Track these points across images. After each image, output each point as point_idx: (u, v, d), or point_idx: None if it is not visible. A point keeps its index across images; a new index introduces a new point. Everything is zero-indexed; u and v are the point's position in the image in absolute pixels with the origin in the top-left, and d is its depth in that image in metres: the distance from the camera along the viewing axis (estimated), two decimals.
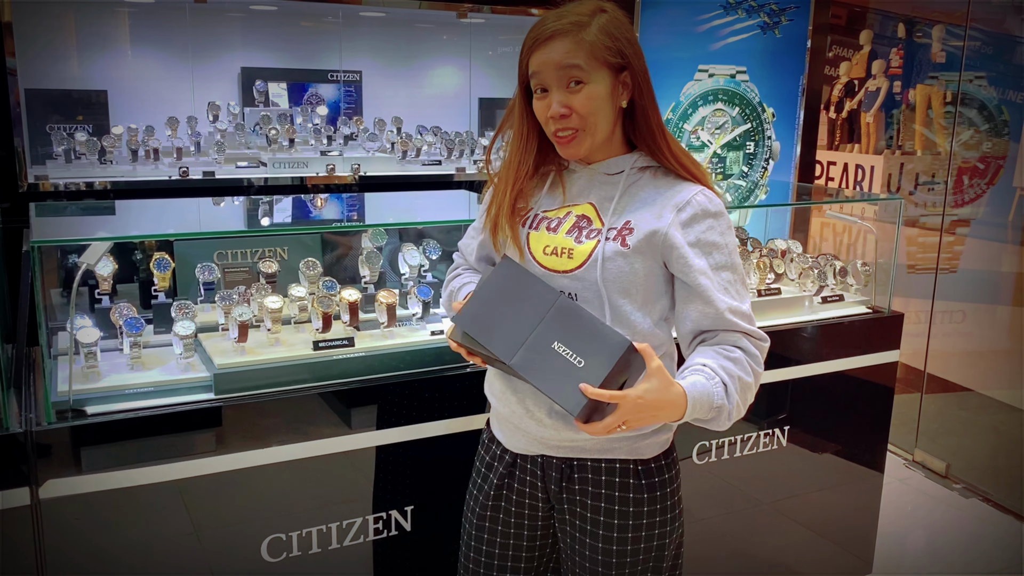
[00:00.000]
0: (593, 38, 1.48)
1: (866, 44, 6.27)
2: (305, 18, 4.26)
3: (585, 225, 1.58)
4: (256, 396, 1.94)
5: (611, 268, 1.53)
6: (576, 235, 1.58)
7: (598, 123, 1.53)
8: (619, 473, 1.60)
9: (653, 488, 1.61)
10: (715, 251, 1.53)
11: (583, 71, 1.49)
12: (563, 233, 1.59)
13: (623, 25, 1.53)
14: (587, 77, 1.49)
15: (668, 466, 1.65)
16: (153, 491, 1.84)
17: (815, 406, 2.72)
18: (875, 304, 2.88)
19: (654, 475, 1.62)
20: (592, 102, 1.50)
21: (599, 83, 1.50)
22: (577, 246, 1.56)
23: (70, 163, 3.49)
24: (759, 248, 2.93)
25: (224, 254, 2.35)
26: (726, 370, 1.49)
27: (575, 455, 1.62)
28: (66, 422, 1.77)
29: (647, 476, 1.61)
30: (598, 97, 1.50)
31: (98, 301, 2.18)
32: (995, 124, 4.95)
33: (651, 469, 1.61)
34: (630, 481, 1.60)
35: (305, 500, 2.00)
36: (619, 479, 1.60)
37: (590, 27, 1.49)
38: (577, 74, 1.49)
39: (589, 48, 1.48)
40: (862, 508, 2.93)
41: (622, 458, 1.60)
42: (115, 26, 3.91)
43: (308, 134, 3.98)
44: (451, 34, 4.56)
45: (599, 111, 1.52)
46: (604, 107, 1.52)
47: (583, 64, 1.48)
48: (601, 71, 1.50)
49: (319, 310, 2.09)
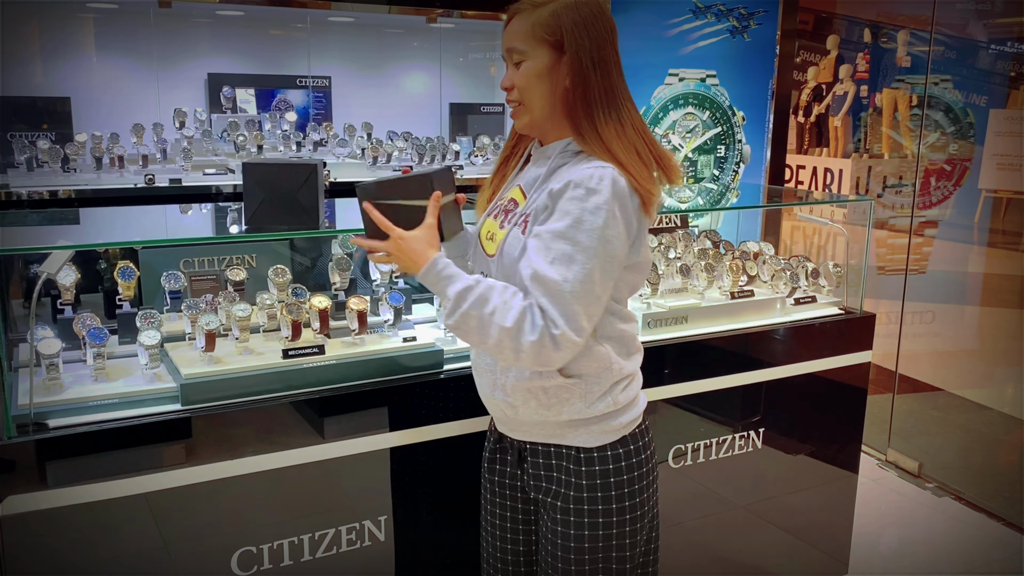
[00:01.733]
0: (537, 17, 1.54)
1: (833, 49, 6.34)
2: (273, 24, 4.23)
3: (511, 208, 1.63)
4: (225, 406, 1.90)
5: (508, 254, 1.57)
6: (502, 220, 1.63)
7: (534, 100, 1.57)
8: (564, 458, 1.63)
9: (593, 476, 1.62)
10: (562, 219, 1.47)
11: (522, 51, 1.56)
12: (499, 218, 1.64)
13: (580, 8, 1.54)
14: (525, 55, 1.56)
15: (617, 458, 1.63)
16: (120, 505, 1.79)
17: (789, 408, 2.73)
18: (847, 305, 2.89)
19: (595, 464, 1.62)
20: (526, 79, 1.56)
21: (536, 60, 1.55)
22: (499, 231, 1.62)
23: (32, 171, 3.42)
24: (731, 251, 2.93)
25: (191, 262, 2.31)
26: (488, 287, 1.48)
27: (527, 438, 1.67)
28: (27, 436, 1.72)
29: (588, 464, 1.62)
30: (532, 74, 1.56)
31: (60, 312, 2.13)
32: (961, 126, 5.02)
33: (593, 458, 1.62)
34: (571, 467, 1.63)
35: (276, 511, 1.96)
36: (565, 463, 1.63)
37: (544, 7, 1.54)
38: (518, 54, 1.57)
39: (531, 27, 1.54)
40: (837, 509, 2.94)
41: (566, 444, 1.63)
42: (79, 32, 3.85)
43: (277, 140, 3.93)
44: (421, 39, 4.54)
45: (533, 88, 1.56)
46: (539, 84, 1.56)
47: (521, 43, 1.55)
48: (540, 49, 1.55)
49: (288, 318, 2.05)
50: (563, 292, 1.44)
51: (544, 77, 1.55)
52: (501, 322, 1.45)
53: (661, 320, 2.50)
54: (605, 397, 1.60)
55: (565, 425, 1.62)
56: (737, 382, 2.59)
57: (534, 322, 1.45)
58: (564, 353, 1.47)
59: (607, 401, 1.60)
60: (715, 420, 2.58)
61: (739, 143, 4.62)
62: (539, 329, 1.44)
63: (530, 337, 1.44)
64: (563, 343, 1.45)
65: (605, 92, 1.54)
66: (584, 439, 1.62)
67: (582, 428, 1.62)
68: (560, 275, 1.45)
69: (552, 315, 1.44)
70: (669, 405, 2.48)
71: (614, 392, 1.61)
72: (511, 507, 1.78)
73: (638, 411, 1.67)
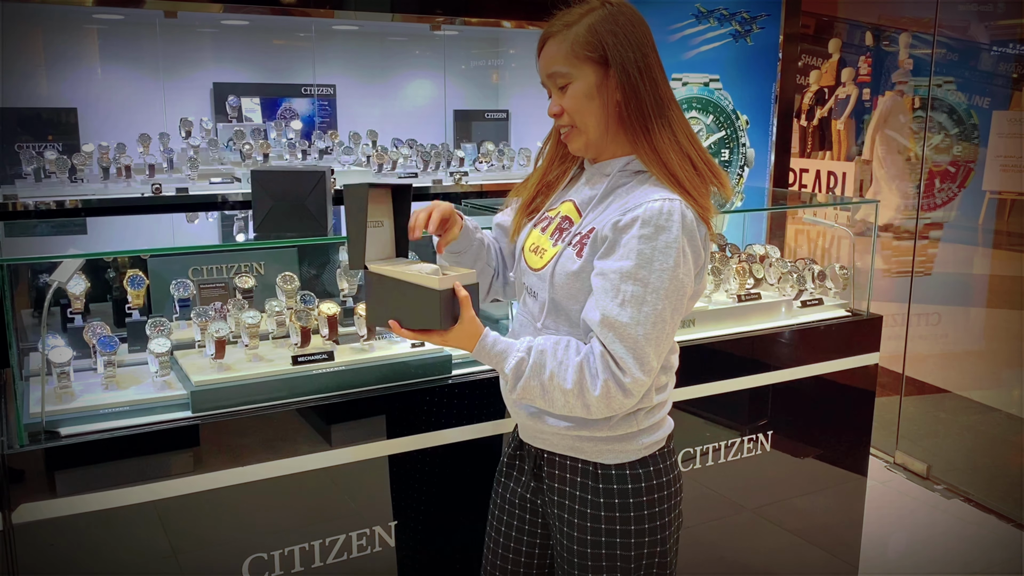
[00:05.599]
0: (574, 36, 1.49)
1: (835, 52, 6.35)
2: (278, 33, 4.25)
3: (566, 226, 1.59)
4: (234, 413, 1.90)
5: (560, 274, 1.54)
6: (556, 236, 1.59)
7: (587, 120, 1.52)
8: (580, 473, 1.60)
9: (611, 495, 1.58)
10: (630, 256, 1.43)
11: (565, 73, 1.51)
12: (549, 232, 1.61)
13: (616, 18, 1.48)
14: (570, 77, 1.51)
15: (636, 478, 1.58)
16: (130, 513, 1.79)
17: (798, 410, 2.72)
18: (854, 307, 2.89)
19: (613, 482, 1.58)
20: (576, 101, 1.51)
21: (582, 80, 1.50)
22: (550, 247, 1.58)
23: (40, 182, 3.44)
24: (737, 254, 2.93)
25: (199, 270, 2.32)
26: (540, 352, 1.46)
27: (547, 447, 1.64)
28: (39, 444, 1.73)
29: (605, 482, 1.58)
30: (581, 95, 1.51)
31: (70, 320, 2.14)
32: (964, 128, 5.02)
33: (611, 476, 1.58)
34: (588, 483, 1.59)
35: (286, 518, 1.97)
36: (580, 479, 1.60)
37: (578, 25, 1.49)
38: (562, 77, 1.51)
39: (570, 48, 1.49)
40: (847, 511, 2.93)
41: (583, 459, 1.60)
42: (84, 43, 3.87)
43: (283, 149, 3.95)
44: (425, 47, 4.56)
45: (584, 109, 1.51)
46: (589, 104, 1.51)
47: (563, 65, 1.50)
48: (584, 68, 1.49)
49: (297, 325, 2.06)
50: (635, 336, 1.42)
51: (594, 96, 1.50)
52: (562, 384, 1.45)
53: None
54: (629, 418, 1.57)
55: (585, 440, 1.58)
56: (745, 385, 2.59)
57: (595, 376, 1.44)
58: (635, 396, 1.46)
59: (631, 421, 1.57)
60: (723, 423, 2.58)
61: (743, 147, 4.62)
62: (601, 382, 1.43)
63: (594, 392, 1.44)
64: (633, 388, 1.44)
65: (656, 101, 1.49)
66: (603, 455, 1.58)
67: (602, 444, 1.58)
68: (632, 318, 1.42)
69: (624, 361, 1.42)
70: (677, 409, 2.48)
71: (640, 414, 1.58)
72: (519, 517, 1.75)
73: (662, 434, 1.62)
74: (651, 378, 1.46)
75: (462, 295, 1.47)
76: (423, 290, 1.46)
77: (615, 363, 1.43)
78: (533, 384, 1.47)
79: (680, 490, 1.66)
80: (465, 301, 1.47)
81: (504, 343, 1.50)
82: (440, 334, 1.49)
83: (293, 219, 1.96)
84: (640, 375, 1.43)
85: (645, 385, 1.45)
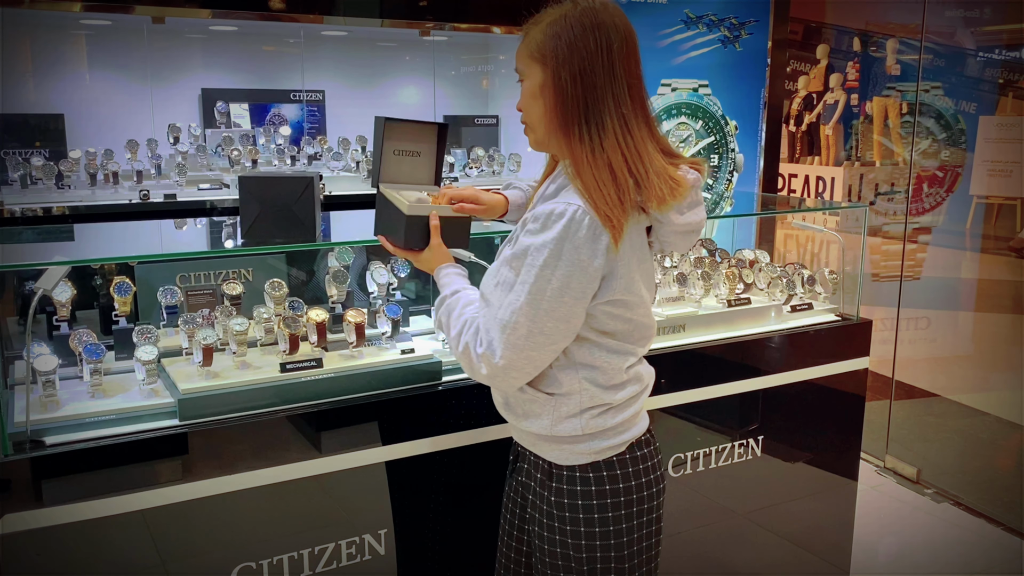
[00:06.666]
0: (531, 36, 1.55)
1: (823, 58, 6.37)
2: (266, 38, 4.23)
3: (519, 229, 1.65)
4: (223, 421, 1.89)
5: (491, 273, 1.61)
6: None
7: (532, 119, 1.58)
8: (541, 470, 1.66)
9: (562, 495, 1.60)
10: (516, 247, 1.51)
11: (521, 70, 1.58)
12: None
13: (569, 21, 1.49)
14: (523, 75, 1.58)
15: (586, 481, 1.59)
16: (117, 523, 1.78)
17: (788, 415, 2.72)
18: (843, 312, 2.89)
19: (565, 483, 1.61)
20: (524, 99, 1.58)
21: (530, 79, 1.56)
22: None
23: (26, 188, 3.41)
24: (727, 259, 2.94)
25: (187, 276, 2.30)
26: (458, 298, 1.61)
27: (520, 442, 1.72)
28: (24, 453, 1.71)
29: (558, 481, 1.62)
30: (528, 94, 1.57)
31: (56, 328, 2.12)
32: (952, 133, 5.04)
33: (563, 476, 1.61)
34: (545, 480, 1.64)
35: (275, 526, 1.95)
36: (540, 476, 1.66)
37: (539, 25, 1.54)
38: (519, 73, 1.59)
39: (525, 46, 1.56)
40: (837, 516, 2.93)
41: (543, 457, 1.65)
42: (72, 49, 3.85)
43: (272, 155, 3.93)
44: (414, 52, 4.55)
45: (530, 108, 1.57)
46: (534, 104, 1.56)
47: (520, 62, 1.58)
48: (533, 68, 1.54)
49: (286, 331, 2.05)
50: (494, 317, 1.51)
51: (537, 96, 1.54)
52: (450, 330, 1.59)
53: (659, 329, 2.50)
54: (573, 420, 1.58)
55: (536, 436, 1.63)
56: (735, 390, 2.59)
57: (465, 336, 1.54)
58: (485, 371, 1.52)
59: (575, 424, 1.58)
60: (714, 428, 2.58)
61: (732, 152, 4.63)
62: (463, 344, 1.54)
63: (458, 348, 1.55)
64: (484, 364, 1.51)
65: (585, 108, 1.49)
66: (555, 455, 1.61)
67: (552, 444, 1.61)
68: (498, 300, 1.52)
69: (482, 335, 1.52)
70: (667, 414, 2.48)
71: (584, 417, 1.58)
72: (511, 514, 1.80)
73: (619, 441, 1.61)
74: (502, 364, 1.49)
75: (433, 224, 1.70)
76: (398, 212, 1.71)
77: (478, 334, 1.53)
78: (443, 319, 1.61)
79: (648, 500, 1.63)
80: (435, 230, 1.70)
81: (453, 279, 1.66)
82: (413, 255, 1.73)
83: (281, 225, 1.95)
84: (488, 354, 1.50)
85: (494, 367, 1.50)
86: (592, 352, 1.57)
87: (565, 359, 1.57)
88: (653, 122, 1.57)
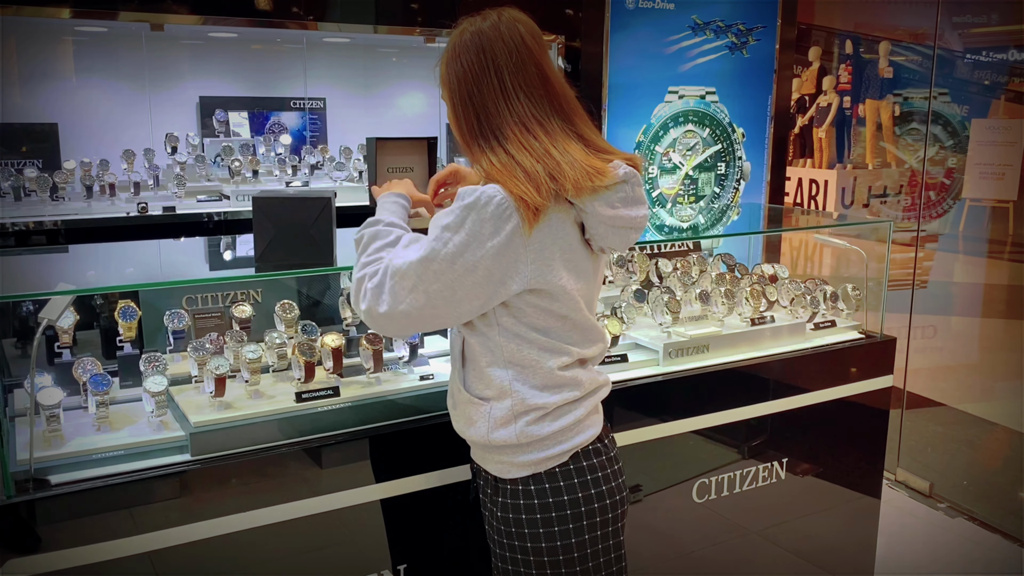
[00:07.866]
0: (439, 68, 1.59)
1: (815, 61, 6.33)
2: (266, 45, 4.13)
3: None
4: (236, 455, 1.79)
5: None
6: None
7: (453, 127, 1.60)
8: (489, 484, 1.66)
9: (507, 509, 1.59)
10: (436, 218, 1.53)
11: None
12: None
13: (464, 39, 1.55)
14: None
15: (528, 494, 1.56)
16: (125, 565, 1.68)
17: (812, 436, 2.65)
18: (867, 328, 2.82)
19: (507, 496, 1.59)
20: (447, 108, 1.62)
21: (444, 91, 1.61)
22: None
23: (20, 201, 3.30)
24: (747, 274, 2.86)
25: (193, 299, 2.20)
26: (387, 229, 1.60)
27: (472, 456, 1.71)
28: (28, 495, 1.61)
29: (502, 495, 1.60)
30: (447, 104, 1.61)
31: (58, 355, 2.01)
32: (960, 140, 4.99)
33: (507, 490, 1.60)
34: (491, 494, 1.65)
35: (291, 564, 1.85)
36: (489, 490, 1.66)
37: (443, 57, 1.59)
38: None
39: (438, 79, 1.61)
40: (859, 535, 2.86)
41: (488, 471, 1.64)
42: (65, 56, 3.74)
43: (272, 164, 3.83)
44: (416, 59, 4.46)
45: (449, 116, 1.61)
46: (450, 113, 1.60)
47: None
48: (444, 96, 1.60)
49: (301, 359, 1.95)
50: (391, 262, 1.50)
51: (450, 120, 1.60)
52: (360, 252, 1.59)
53: (683, 350, 2.42)
54: (508, 426, 1.55)
55: (480, 447, 1.63)
56: (760, 412, 2.51)
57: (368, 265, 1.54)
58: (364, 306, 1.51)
59: (510, 432, 1.55)
60: (738, 451, 2.50)
61: (739, 160, 4.56)
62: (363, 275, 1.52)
63: (356, 274, 1.56)
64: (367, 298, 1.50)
65: (479, 124, 1.53)
66: (496, 467, 1.60)
67: (493, 453, 1.60)
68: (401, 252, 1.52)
69: (380, 275, 1.51)
70: (695, 435, 2.39)
71: (519, 424, 1.55)
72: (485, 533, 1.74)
73: (557, 451, 1.56)
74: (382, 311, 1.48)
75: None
76: None
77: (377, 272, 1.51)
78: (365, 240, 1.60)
79: (598, 514, 1.58)
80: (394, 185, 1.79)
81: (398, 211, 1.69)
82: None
83: (297, 247, 1.86)
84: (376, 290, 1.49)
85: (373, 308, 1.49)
86: (521, 349, 1.55)
87: (493, 356, 1.55)
88: (577, 116, 1.57)
